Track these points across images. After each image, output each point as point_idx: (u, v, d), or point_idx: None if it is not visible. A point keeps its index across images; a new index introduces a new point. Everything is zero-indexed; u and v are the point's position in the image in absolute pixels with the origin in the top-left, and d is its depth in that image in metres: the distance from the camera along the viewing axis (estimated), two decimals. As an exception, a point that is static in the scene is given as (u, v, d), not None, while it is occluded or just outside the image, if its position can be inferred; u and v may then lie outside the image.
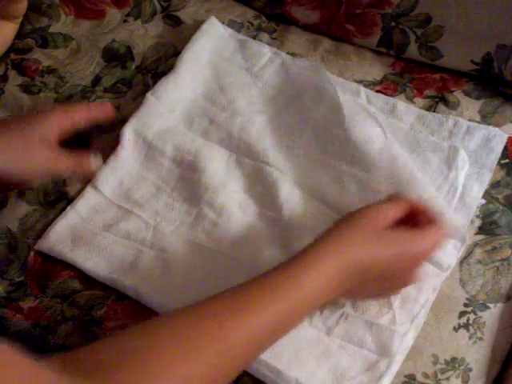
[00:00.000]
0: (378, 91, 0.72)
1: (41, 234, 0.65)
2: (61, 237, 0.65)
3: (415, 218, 0.57)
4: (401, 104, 0.70)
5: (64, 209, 0.66)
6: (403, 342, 0.58)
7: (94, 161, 0.66)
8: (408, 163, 0.62)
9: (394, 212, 0.56)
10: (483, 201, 0.65)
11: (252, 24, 0.78)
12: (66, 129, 0.64)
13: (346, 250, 0.52)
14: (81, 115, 0.66)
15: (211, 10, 0.79)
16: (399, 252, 0.54)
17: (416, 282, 0.58)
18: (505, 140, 0.67)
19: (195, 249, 0.64)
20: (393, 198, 0.58)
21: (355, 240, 0.53)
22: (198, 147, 0.69)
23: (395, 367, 0.57)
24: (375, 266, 0.53)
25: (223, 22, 0.77)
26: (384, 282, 0.56)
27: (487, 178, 0.66)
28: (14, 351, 0.37)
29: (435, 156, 0.66)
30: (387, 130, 0.65)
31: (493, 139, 0.67)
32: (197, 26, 0.76)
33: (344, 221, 0.55)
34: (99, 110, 0.68)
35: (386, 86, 0.73)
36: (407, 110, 0.70)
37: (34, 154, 0.62)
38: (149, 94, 0.71)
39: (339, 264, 0.51)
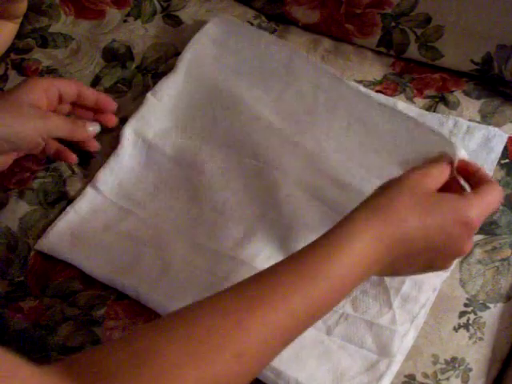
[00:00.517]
0: (378, 91, 0.72)
1: (41, 234, 0.65)
2: (61, 237, 0.65)
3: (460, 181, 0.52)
4: (401, 104, 0.70)
5: (64, 209, 0.66)
6: (403, 342, 0.58)
7: (90, 127, 0.65)
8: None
9: (440, 174, 0.51)
10: (483, 201, 0.65)
11: (252, 24, 0.78)
12: (52, 98, 0.63)
13: (383, 222, 0.47)
14: (67, 87, 0.64)
15: (211, 10, 0.79)
16: (451, 218, 0.48)
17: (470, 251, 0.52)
18: (505, 140, 0.68)
19: (195, 249, 0.64)
20: (437, 160, 0.53)
21: (395, 209, 0.48)
22: (199, 147, 0.69)
23: (395, 367, 0.57)
24: (423, 235, 0.48)
25: (223, 22, 0.77)
26: (435, 253, 0.50)
27: (487, 178, 0.66)
28: (14, 357, 0.35)
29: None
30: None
31: (493, 139, 0.67)
32: (197, 25, 0.76)
33: (381, 190, 0.50)
34: (90, 93, 0.66)
35: (386, 86, 0.73)
36: (407, 110, 0.70)
37: (24, 118, 0.60)
38: (149, 94, 0.71)
39: (375, 237, 0.46)
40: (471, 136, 0.68)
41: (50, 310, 0.62)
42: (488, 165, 0.66)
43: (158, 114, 0.70)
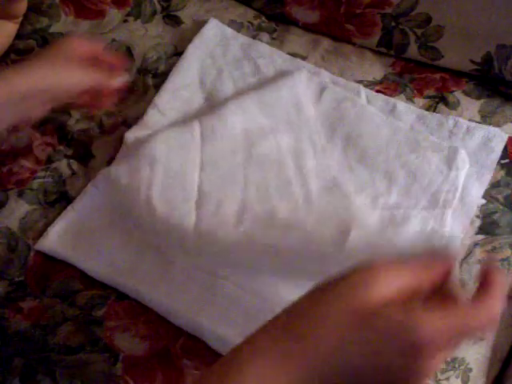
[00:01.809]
0: (377, 91, 0.72)
1: (41, 233, 0.65)
2: (61, 236, 0.65)
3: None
4: (401, 104, 0.70)
5: (64, 209, 0.66)
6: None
7: (119, 78, 0.65)
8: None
9: (404, 273, 0.38)
10: (483, 201, 0.65)
11: (252, 24, 0.78)
12: (87, 53, 0.63)
13: (291, 346, 0.37)
14: (102, 50, 0.65)
15: (211, 10, 0.79)
16: (386, 339, 0.36)
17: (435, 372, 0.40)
18: (505, 140, 0.68)
19: (195, 249, 0.64)
20: (404, 258, 0.40)
21: (310, 327, 0.37)
22: (200, 152, 0.68)
23: (395, 367, 0.57)
24: (341, 364, 0.37)
25: (223, 22, 0.77)
26: (385, 377, 0.37)
27: (487, 178, 0.66)
28: None
29: (435, 156, 0.66)
30: (388, 130, 0.65)
31: (493, 139, 0.67)
32: (197, 25, 0.76)
33: (306, 299, 0.39)
34: (106, 56, 0.65)
35: (386, 86, 0.73)
36: (407, 110, 0.70)
37: (70, 69, 0.60)
38: (149, 109, 0.71)
39: (275, 366, 0.37)
40: (471, 136, 0.68)
41: (50, 310, 0.62)
42: (488, 165, 0.66)
43: (161, 125, 0.70)
